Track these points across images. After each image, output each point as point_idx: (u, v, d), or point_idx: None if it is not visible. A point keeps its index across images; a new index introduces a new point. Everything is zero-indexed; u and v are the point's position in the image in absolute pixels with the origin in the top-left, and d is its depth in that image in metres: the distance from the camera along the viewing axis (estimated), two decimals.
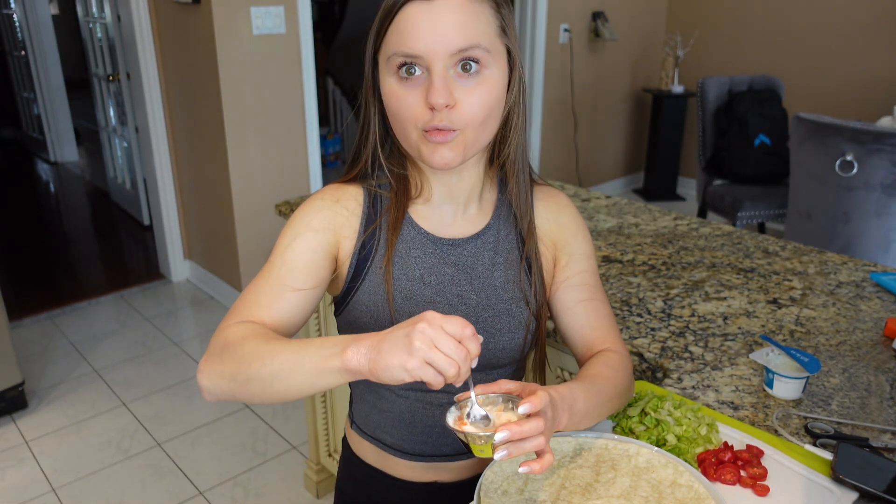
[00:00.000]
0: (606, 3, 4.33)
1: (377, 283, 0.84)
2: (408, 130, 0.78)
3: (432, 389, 0.86)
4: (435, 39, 0.73)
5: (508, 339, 0.88)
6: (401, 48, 0.75)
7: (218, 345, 0.75)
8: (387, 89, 0.79)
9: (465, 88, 0.76)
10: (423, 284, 0.85)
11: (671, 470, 0.79)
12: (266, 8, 2.89)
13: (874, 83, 3.88)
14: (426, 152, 0.78)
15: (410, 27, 0.74)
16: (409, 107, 0.76)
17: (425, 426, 0.91)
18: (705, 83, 3.59)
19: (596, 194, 2.02)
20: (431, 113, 0.75)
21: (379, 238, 0.86)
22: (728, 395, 1.03)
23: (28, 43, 5.41)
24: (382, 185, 0.88)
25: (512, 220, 0.91)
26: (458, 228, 0.89)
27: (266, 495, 2.11)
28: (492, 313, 0.87)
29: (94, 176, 5.53)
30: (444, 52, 0.74)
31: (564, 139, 4.47)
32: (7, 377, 2.41)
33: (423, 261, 0.86)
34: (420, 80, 0.76)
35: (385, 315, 0.84)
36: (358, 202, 0.87)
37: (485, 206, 0.91)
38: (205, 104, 3.00)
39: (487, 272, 0.88)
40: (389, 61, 0.77)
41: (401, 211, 0.86)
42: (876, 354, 1.14)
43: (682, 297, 1.35)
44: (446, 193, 0.87)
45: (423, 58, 0.74)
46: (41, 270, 3.73)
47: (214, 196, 3.17)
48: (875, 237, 2.54)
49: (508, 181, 0.88)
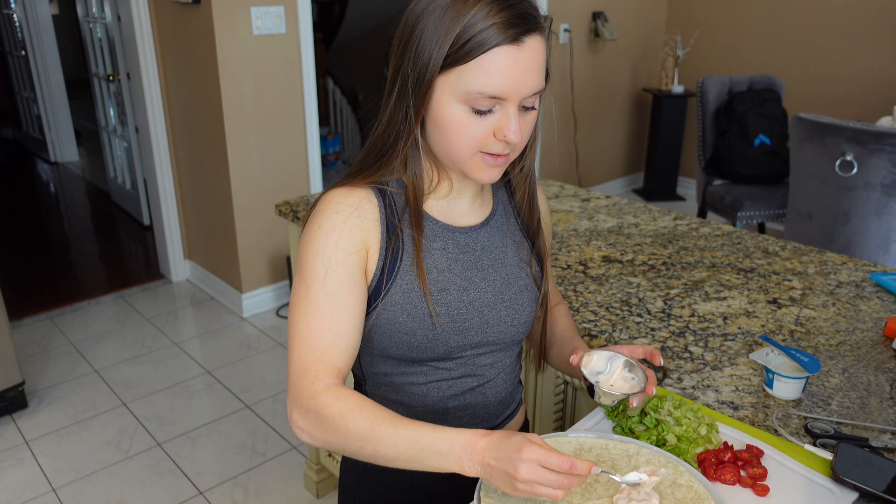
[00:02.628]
0: (606, 3, 4.33)
1: (410, 281, 0.86)
2: (462, 150, 0.81)
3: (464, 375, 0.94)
4: (520, 84, 0.77)
5: (528, 314, 0.94)
6: (486, 90, 0.76)
7: (312, 411, 0.78)
8: (451, 115, 0.79)
9: (524, 119, 0.81)
10: (453, 274, 0.89)
11: (671, 470, 0.79)
12: (266, 8, 2.89)
13: (874, 83, 3.88)
14: (475, 170, 0.83)
15: (500, 70, 0.76)
16: (474, 135, 0.79)
17: (455, 412, 0.94)
18: (705, 83, 3.58)
19: (596, 194, 2.02)
20: (495, 140, 0.80)
21: (402, 237, 0.87)
22: (728, 395, 1.03)
23: (28, 43, 5.41)
24: (391, 183, 0.88)
25: (510, 207, 0.98)
26: (469, 217, 0.93)
27: (266, 495, 2.11)
28: (514, 290, 0.93)
29: (94, 176, 5.53)
30: (525, 95, 0.78)
31: (564, 139, 4.47)
32: (7, 377, 2.41)
33: (446, 251, 0.89)
34: (492, 116, 0.79)
35: (423, 310, 0.86)
36: (374, 207, 0.86)
37: (486, 194, 0.96)
38: (205, 104, 3.00)
39: (502, 253, 0.93)
40: (467, 95, 0.77)
41: (420, 207, 0.88)
42: (876, 354, 1.14)
43: (681, 297, 1.35)
44: (459, 188, 0.91)
45: (505, 99, 0.77)
46: (41, 270, 3.73)
47: (214, 196, 3.17)
48: (875, 237, 2.54)
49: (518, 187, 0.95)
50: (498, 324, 0.91)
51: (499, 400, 0.98)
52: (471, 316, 0.89)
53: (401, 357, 0.89)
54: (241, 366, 2.81)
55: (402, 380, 0.92)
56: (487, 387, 0.95)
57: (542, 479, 0.66)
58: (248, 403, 2.56)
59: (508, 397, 1.00)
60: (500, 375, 0.97)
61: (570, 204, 1.93)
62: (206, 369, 2.78)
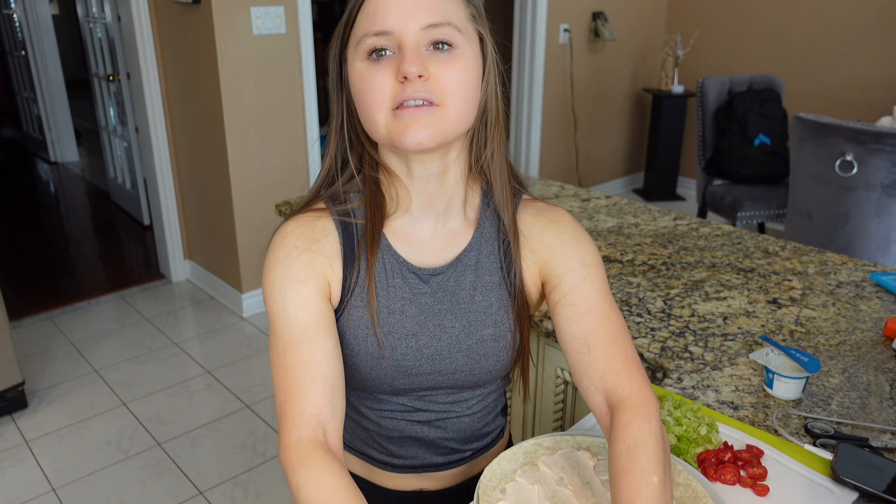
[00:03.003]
0: (606, 3, 4.33)
1: (359, 317, 0.81)
2: (376, 114, 0.73)
3: (418, 409, 0.87)
4: (405, 15, 0.71)
5: (494, 363, 0.85)
6: (370, 27, 0.72)
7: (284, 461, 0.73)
8: (355, 76, 0.75)
9: (439, 62, 0.73)
10: (405, 316, 0.82)
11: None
12: (266, 8, 2.89)
13: (874, 83, 3.88)
14: (397, 133, 0.72)
15: (380, 8, 0.72)
16: (376, 86, 0.72)
17: (413, 441, 0.90)
18: (705, 83, 3.58)
19: (596, 194, 2.02)
20: (402, 86, 0.71)
21: (358, 268, 0.81)
22: (728, 395, 1.03)
23: (28, 43, 5.41)
24: (355, 210, 0.82)
25: (496, 232, 0.85)
26: (439, 247, 0.84)
27: (266, 495, 2.11)
28: (475, 340, 0.83)
29: (94, 176, 5.53)
30: (415, 27, 0.71)
31: (564, 139, 4.47)
32: (7, 377, 2.41)
33: (402, 291, 0.82)
34: (390, 60, 0.72)
35: (370, 346, 0.81)
36: (333, 240, 0.81)
37: (468, 216, 0.85)
38: (205, 104, 3.00)
39: (469, 297, 0.83)
40: (359, 46, 0.74)
41: (377, 233, 0.81)
42: (876, 354, 1.14)
43: (681, 297, 1.35)
44: (426, 202, 0.81)
45: (394, 34, 0.71)
46: (41, 270, 3.73)
47: (214, 196, 3.17)
48: (875, 237, 2.54)
49: (493, 185, 0.83)
50: (453, 372, 0.84)
51: (464, 436, 0.91)
52: (419, 363, 0.82)
53: (350, 385, 0.87)
54: (241, 366, 2.81)
55: (358, 402, 0.89)
56: (450, 422, 0.89)
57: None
58: (248, 403, 2.56)
59: (479, 432, 0.93)
60: (467, 412, 0.89)
61: (570, 204, 1.93)
62: (206, 369, 2.78)
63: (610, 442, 0.74)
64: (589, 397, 0.79)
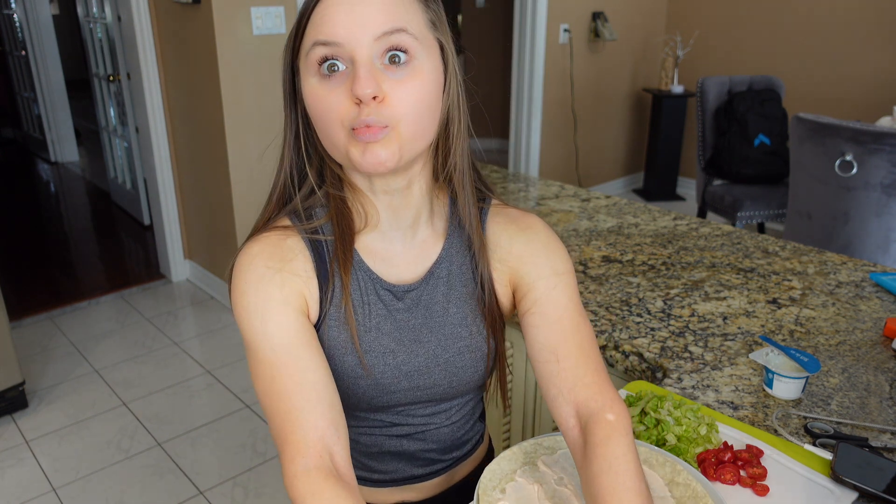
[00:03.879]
0: (606, 3, 4.33)
1: (335, 336, 0.79)
2: (333, 134, 0.70)
3: (396, 423, 0.86)
4: (356, 23, 0.66)
5: (472, 374, 0.84)
6: (319, 36, 0.67)
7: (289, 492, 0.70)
8: (308, 92, 0.71)
9: (395, 80, 0.68)
10: (381, 333, 0.80)
11: (668, 469, 0.79)
12: (266, 8, 2.89)
13: (874, 83, 3.88)
14: (356, 155, 0.69)
15: (329, 15, 0.67)
16: (332, 106, 0.68)
17: (393, 455, 0.89)
18: (705, 83, 3.59)
19: (596, 194, 2.02)
20: (358, 108, 0.67)
21: (334, 286, 0.78)
22: (728, 394, 1.03)
23: (28, 43, 5.41)
24: (323, 227, 0.79)
25: (465, 241, 0.83)
26: (411, 262, 0.82)
27: (266, 495, 2.11)
28: (452, 353, 0.82)
29: (94, 176, 5.53)
30: (367, 38, 0.66)
31: (564, 139, 4.47)
32: (7, 377, 2.41)
33: (377, 308, 0.80)
34: (344, 77, 0.68)
35: (347, 365, 0.79)
36: (305, 259, 0.78)
37: (437, 226, 0.83)
38: (205, 104, 3.00)
39: (442, 310, 0.82)
40: (308, 57, 0.69)
41: (348, 250, 0.78)
42: (875, 354, 1.14)
43: (681, 297, 1.35)
44: (392, 217, 0.79)
45: (345, 45, 0.67)
46: (41, 270, 3.73)
47: (214, 196, 3.17)
48: (875, 237, 2.54)
49: (458, 195, 0.80)
50: (431, 387, 0.83)
51: (444, 446, 0.90)
52: (397, 379, 0.81)
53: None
54: (241, 366, 2.81)
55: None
56: (428, 434, 0.88)
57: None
58: (248, 403, 2.56)
59: (458, 441, 0.92)
60: (446, 423, 0.89)
61: (570, 204, 1.93)
62: (206, 369, 2.79)
63: (585, 460, 0.71)
64: (556, 409, 0.76)
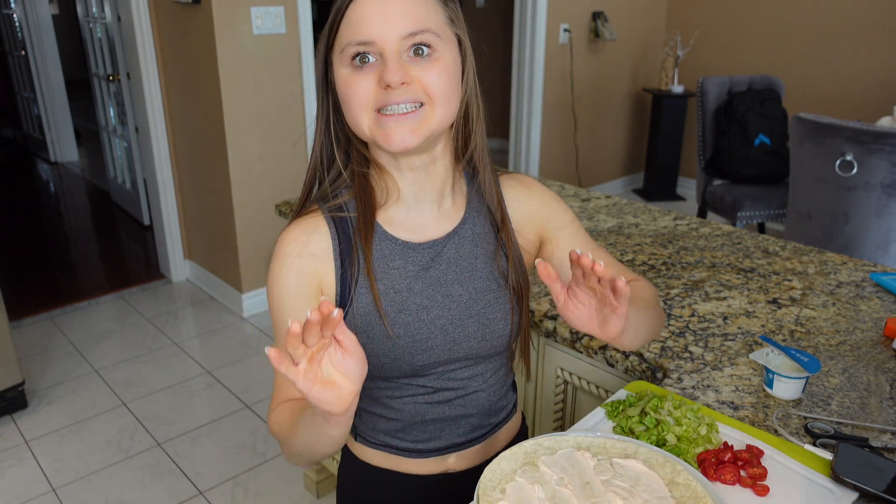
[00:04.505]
0: (606, 3, 4.33)
1: (365, 304, 0.85)
2: (360, 117, 0.79)
3: (438, 389, 0.90)
4: (386, 25, 0.76)
5: (503, 327, 0.90)
6: (353, 37, 0.76)
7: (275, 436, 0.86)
8: (340, 81, 0.80)
9: (420, 66, 0.77)
10: (412, 293, 0.86)
11: (669, 469, 0.79)
12: (266, 8, 2.89)
13: (874, 83, 3.88)
14: (381, 136, 0.78)
15: (362, 17, 0.76)
16: (361, 90, 0.78)
17: (435, 423, 0.93)
18: (705, 83, 3.58)
19: (596, 194, 2.02)
20: (385, 92, 0.76)
21: (357, 259, 0.85)
22: (728, 395, 1.03)
23: (28, 43, 5.41)
24: (348, 204, 0.87)
25: (484, 212, 0.92)
26: (435, 227, 0.89)
27: (266, 495, 2.11)
28: (482, 305, 0.89)
29: (94, 176, 5.53)
30: (395, 36, 0.76)
31: (564, 139, 4.47)
32: (7, 377, 2.41)
33: (405, 270, 0.86)
34: (373, 67, 0.77)
35: (382, 332, 0.85)
36: (325, 237, 0.85)
37: (457, 199, 0.91)
38: (205, 104, 3.00)
39: (471, 266, 0.89)
40: (343, 53, 0.78)
41: (370, 222, 0.85)
42: (876, 354, 1.14)
43: (682, 297, 1.35)
44: (418, 191, 0.87)
45: (376, 43, 0.76)
46: (41, 270, 3.73)
47: (214, 196, 3.17)
48: (875, 237, 2.54)
49: (479, 173, 0.90)
50: (466, 340, 0.88)
51: (483, 411, 0.95)
52: (433, 335, 0.86)
53: (371, 376, 0.89)
54: (241, 366, 2.81)
55: (379, 393, 0.92)
56: (469, 398, 0.93)
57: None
58: (248, 403, 2.56)
59: (495, 406, 0.97)
60: (483, 387, 0.94)
61: (570, 204, 1.93)
62: (206, 369, 2.79)
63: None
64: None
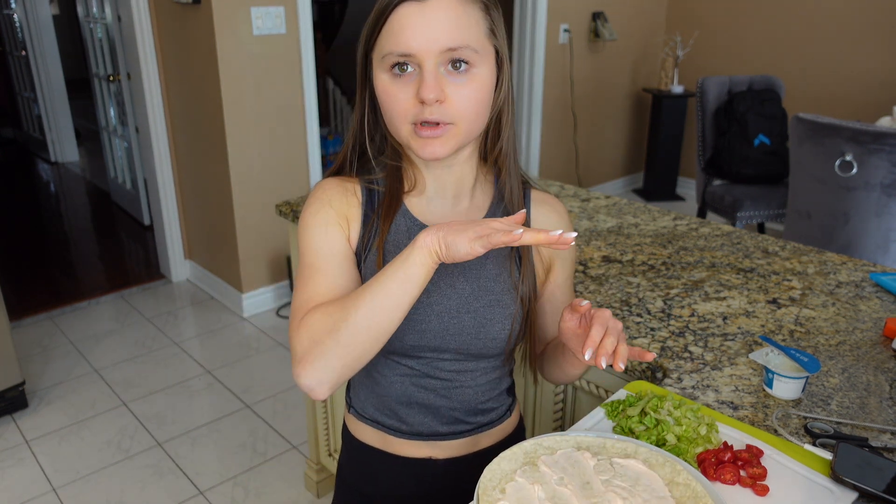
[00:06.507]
0: (606, 3, 4.33)
1: (372, 272, 0.87)
2: (398, 125, 0.82)
3: (426, 374, 0.92)
4: (427, 38, 0.77)
5: (499, 330, 0.91)
6: (395, 48, 0.78)
7: (303, 341, 0.78)
8: (380, 86, 0.83)
9: (456, 85, 0.80)
10: None
11: (669, 469, 0.79)
12: (266, 8, 2.89)
13: (874, 83, 3.88)
14: (416, 146, 0.82)
15: (404, 27, 0.78)
16: (399, 102, 0.80)
17: (421, 406, 0.95)
18: (705, 83, 3.59)
19: (596, 194, 2.02)
20: (422, 107, 0.79)
21: (374, 230, 0.90)
22: (728, 394, 1.03)
23: (28, 43, 5.41)
24: (378, 181, 0.92)
25: (503, 215, 0.93)
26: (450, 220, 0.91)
27: (266, 495, 2.11)
28: (483, 303, 0.90)
29: (94, 176, 5.53)
30: (435, 51, 0.77)
31: (564, 139, 4.47)
32: (7, 377, 2.41)
33: None
34: (412, 77, 0.80)
35: None
36: (357, 196, 0.91)
37: (478, 201, 0.93)
38: (205, 104, 3.00)
39: (479, 263, 0.91)
40: (384, 60, 0.80)
41: (394, 201, 0.89)
42: (875, 354, 1.14)
43: (681, 297, 1.35)
44: (437, 186, 0.91)
45: (416, 56, 0.78)
46: (41, 270, 3.73)
47: (214, 196, 3.17)
48: (875, 237, 2.54)
49: (503, 174, 0.92)
50: (459, 333, 0.89)
51: (468, 408, 0.96)
52: (429, 318, 0.88)
53: None
54: (241, 366, 2.81)
55: (371, 367, 0.95)
56: (455, 392, 0.94)
57: (493, 225, 0.71)
58: (248, 403, 2.56)
59: (482, 407, 0.97)
60: (471, 384, 0.95)
61: (570, 204, 1.93)
62: (206, 369, 2.79)
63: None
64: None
